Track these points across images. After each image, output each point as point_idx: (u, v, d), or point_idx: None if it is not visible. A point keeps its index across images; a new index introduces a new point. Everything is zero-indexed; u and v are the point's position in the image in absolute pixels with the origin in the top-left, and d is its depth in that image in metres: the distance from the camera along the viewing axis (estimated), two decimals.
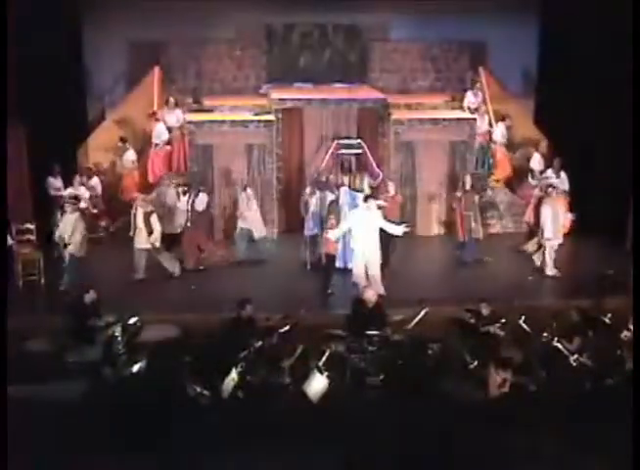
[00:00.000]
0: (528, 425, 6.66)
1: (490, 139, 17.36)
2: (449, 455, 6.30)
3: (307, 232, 14.49)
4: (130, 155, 16.39)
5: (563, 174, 16.04)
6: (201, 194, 14.46)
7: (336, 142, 15.98)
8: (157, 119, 16.61)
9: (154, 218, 13.55)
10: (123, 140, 16.52)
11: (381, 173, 15.87)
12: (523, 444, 6.46)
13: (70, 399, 7.81)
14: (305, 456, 6.36)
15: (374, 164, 15.90)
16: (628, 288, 11.80)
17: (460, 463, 6.27)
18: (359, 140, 16.05)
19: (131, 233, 13.59)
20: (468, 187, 14.77)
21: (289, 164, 16.50)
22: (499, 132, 17.36)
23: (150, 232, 13.46)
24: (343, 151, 15.91)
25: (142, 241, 13.50)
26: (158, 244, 13.58)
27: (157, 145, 16.54)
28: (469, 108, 17.30)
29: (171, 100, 16.80)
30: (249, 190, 14.79)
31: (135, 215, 13.57)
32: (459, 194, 14.80)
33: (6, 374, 6.84)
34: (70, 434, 6.62)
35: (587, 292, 12.91)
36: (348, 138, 16.17)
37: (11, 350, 9.60)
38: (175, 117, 16.68)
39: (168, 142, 16.63)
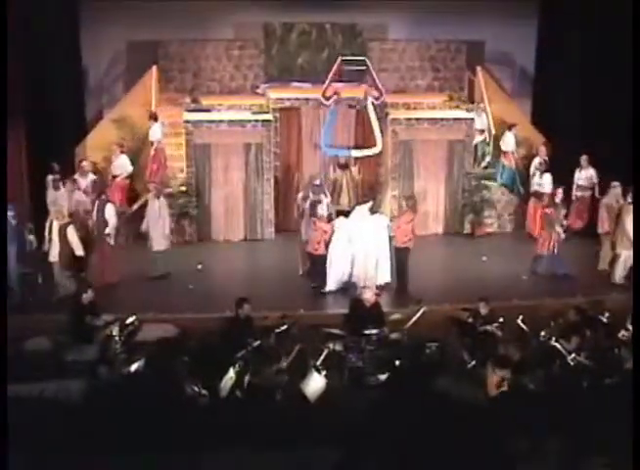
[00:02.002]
0: (527, 424, 6.65)
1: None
2: (447, 454, 6.29)
3: (302, 237, 14.06)
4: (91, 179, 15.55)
5: (547, 176, 16.08)
6: (108, 204, 13.57)
7: (340, 59, 15.82)
8: (122, 151, 16.13)
9: (70, 231, 12.66)
10: (92, 165, 15.86)
11: (384, 92, 15.70)
12: (521, 442, 6.45)
13: (69, 398, 7.80)
14: (303, 456, 6.35)
15: (377, 81, 15.77)
16: (628, 288, 11.74)
17: (458, 462, 6.25)
18: (364, 57, 15.93)
19: (45, 247, 12.76)
20: (558, 200, 14.21)
21: (286, 164, 16.50)
22: (509, 141, 16.97)
23: (64, 246, 12.57)
24: (348, 67, 15.77)
25: (57, 255, 12.64)
26: (81, 252, 12.73)
27: (117, 176, 16.13)
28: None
29: (153, 113, 16.41)
30: (162, 198, 13.99)
31: (50, 228, 12.69)
32: (549, 210, 14.19)
33: (6, 374, 6.80)
34: (69, 433, 6.60)
35: (586, 291, 12.96)
36: (354, 55, 16.05)
37: (9, 349, 9.68)
38: (155, 131, 16.21)
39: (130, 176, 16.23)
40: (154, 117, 16.32)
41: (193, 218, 15.75)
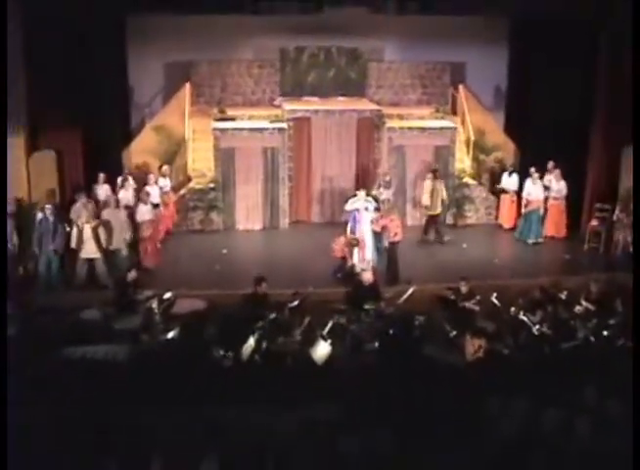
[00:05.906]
0: (499, 383, 6.68)
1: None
2: (431, 409, 6.32)
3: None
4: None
5: (514, 176, 15.81)
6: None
7: None
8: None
9: (101, 229, 12.16)
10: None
11: None
12: (494, 399, 6.48)
13: (116, 359, 7.87)
14: (311, 408, 6.39)
15: None
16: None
17: (440, 415, 6.28)
18: None
19: (74, 245, 12.07)
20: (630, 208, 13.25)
21: (298, 165, 16.48)
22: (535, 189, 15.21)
23: (98, 241, 12.07)
24: None
25: (91, 251, 12.05)
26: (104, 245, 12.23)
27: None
28: (527, 199, 15.07)
29: (151, 177, 14.70)
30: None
31: (81, 232, 12.00)
32: (621, 215, 13.46)
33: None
34: (115, 388, 6.67)
35: (548, 273, 12.96)
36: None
37: (69, 318, 9.86)
38: (158, 188, 14.67)
39: None
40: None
41: (220, 210, 15.78)
